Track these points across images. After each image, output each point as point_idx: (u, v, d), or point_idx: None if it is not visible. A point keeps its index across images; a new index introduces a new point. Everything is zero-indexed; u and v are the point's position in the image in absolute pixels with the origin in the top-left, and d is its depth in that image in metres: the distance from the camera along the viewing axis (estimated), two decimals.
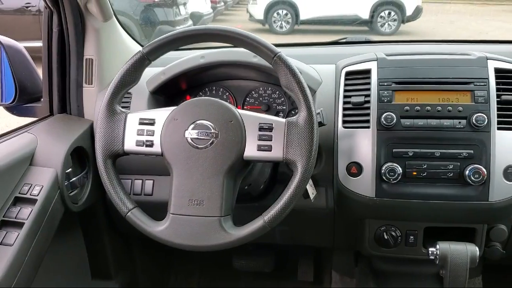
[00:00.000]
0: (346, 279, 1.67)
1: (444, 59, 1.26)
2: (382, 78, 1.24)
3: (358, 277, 1.63)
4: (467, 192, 1.19)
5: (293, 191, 1.00)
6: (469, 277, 1.22)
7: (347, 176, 1.24)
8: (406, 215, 1.28)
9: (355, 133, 1.23)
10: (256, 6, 8.92)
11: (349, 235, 1.45)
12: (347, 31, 8.56)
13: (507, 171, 1.17)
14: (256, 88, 1.44)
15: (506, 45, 1.66)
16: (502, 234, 1.32)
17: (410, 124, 1.20)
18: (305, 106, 1.02)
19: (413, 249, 1.33)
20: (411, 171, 1.20)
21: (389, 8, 8.31)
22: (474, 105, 1.18)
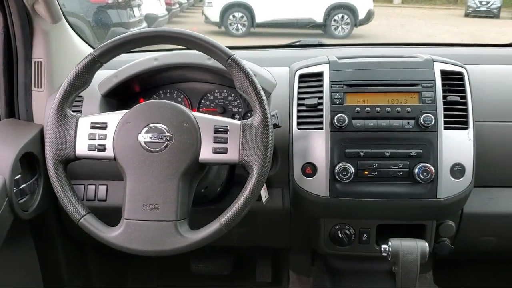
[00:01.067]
0: (303, 279, 1.70)
1: (393, 62, 1.30)
2: (334, 81, 1.26)
3: (315, 276, 1.65)
4: (416, 190, 1.23)
5: (250, 193, 1.01)
6: (420, 272, 1.26)
7: (302, 176, 1.26)
8: (359, 213, 1.31)
9: (309, 134, 1.25)
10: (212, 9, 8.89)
11: (305, 234, 1.47)
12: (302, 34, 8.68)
13: (454, 169, 1.22)
14: (211, 91, 1.44)
15: (452, 48, 1.73)
16: (450, 230, 1.38)
17: (361, 125, 1.23)
18: (260, 108, 1.03)
19: (366, 247, 1.36)
20: (363, 171, 1.23)
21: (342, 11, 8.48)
22: (422, 106, 1.23)
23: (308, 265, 1.68)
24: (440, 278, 1.69)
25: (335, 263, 1.56)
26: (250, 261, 1.97)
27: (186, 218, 1.04)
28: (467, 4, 13.74)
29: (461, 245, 1.43)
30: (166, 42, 1.10)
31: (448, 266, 1.78)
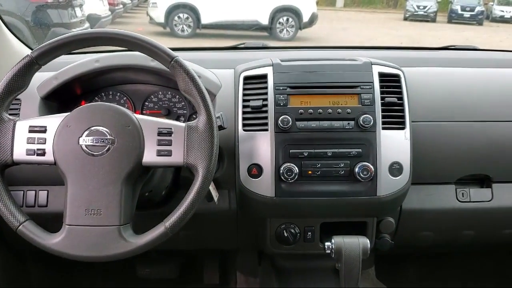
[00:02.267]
0: (251, 279, 1.71)
1: (334, 65, 1.34)
2: (277, 83, 1.28)
3: (262, 276, 1.67)
4: (357, 188, 1.27)
5: (195, 196, 1.01)
6: (363, 268, 1.30)
7: (248, 177, 1.27)
8: (303, 212, 1.34)
9: (255, 135, 1.27)
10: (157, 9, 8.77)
11: (251, 235, 1.48)
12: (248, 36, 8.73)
13: (392, 168, 1.27)
14: (155, 92, 1.42)
15: (390, 51, 1.80)
16: (390, 226, 1.43)
17: (304, 126, 1.26)
18: (204, 110, 1.03)
19: (311, 245, 1.39)
20: (306, 170, 1.26)
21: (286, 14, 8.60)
22: (361, 107, 1.27)
23: (255, 266, 1.70)
24: (382, 273, 1.75)
25: (282, 262, 1.59)
26: (197, 263, 1.96)
27: (130, 222, 1.02)
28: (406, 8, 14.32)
29: (401, 240, 1.49)
30: (108, 43, 1.08)
31: (389, 261, 1.85)
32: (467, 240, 1.54)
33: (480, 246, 1.69)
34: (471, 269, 2.02)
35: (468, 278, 2.03)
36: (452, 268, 2.02)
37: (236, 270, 1.74)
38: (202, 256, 1.95)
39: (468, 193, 1.44)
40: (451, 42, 1.87)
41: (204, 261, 1.94)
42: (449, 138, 1.37)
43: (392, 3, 17.30)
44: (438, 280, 2.03)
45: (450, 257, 1.99)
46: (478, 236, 1.52)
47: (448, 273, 2.03)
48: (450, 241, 1.57)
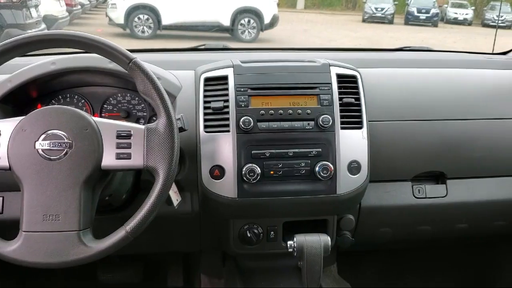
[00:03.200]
0: (215, 280, 1.71)
1: (293, 66, 1.36)
2: (238, 84, 1.29)
3: (226, 277, 1.67)
4: (318, 187, 1.29)
5: (156, 198, 1.00)
6: (325, 266, 1.33)
7: (210, 179, 1.27)
8: (266, 212, 1.35)
9: (217, 137, 1.27)
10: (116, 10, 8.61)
11: (215, 236, 1.49)
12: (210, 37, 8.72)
13: (351, 166, 1.30)
14: (114, 95, 1.40)
15: (349, 52, 1.84)
16: (350, 223, 1.46)
17: (266, 127, 1.27)
18: (164, 112, 1.02)
19: (274, 244, 1.41)
20: (268, 171, 1.27)
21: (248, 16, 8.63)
22: (320, 107, 1.29)
23: (219, 267, 1.70)
24: (343, 269, 1.78)
25: (245, 263, 1.59)
26: (160, 267, 1.95)
27: (90, 227, 1.01)
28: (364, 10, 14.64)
29: (361, 237, 1.53)
30: (64, 45, 1.06)
31: (350, 258, 1.88)
32: (424, 235, 1.59)
33: (436, 240, 1.75)
34: (430, 263, 2.09)
35: (427, 272, 2.09)
36: (412, 263, 2.08)
37: (200, 272, 1.73)
38: (165, 259, 1.94)
39: (424, 189, 1.49)
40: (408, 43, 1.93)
41: (167, 264, 1.92)
42: (404, 136, 1.41)
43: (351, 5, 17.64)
44: (398, 275, 2.09)
45: (409, 252, 2.05)
46: (434, 231, 1.58)
47: (408, 268, 2.09)
48: (408, 236, 1.61)
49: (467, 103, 1.46)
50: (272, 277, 1.56)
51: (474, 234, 1.65)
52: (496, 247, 1.95)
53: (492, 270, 1.99)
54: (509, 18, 14.30)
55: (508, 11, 14.47)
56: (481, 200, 1.52)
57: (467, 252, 2.06)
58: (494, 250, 1.96)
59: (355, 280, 1.82)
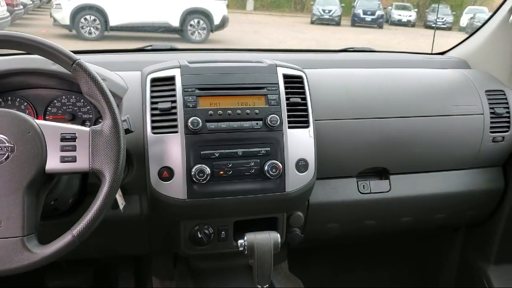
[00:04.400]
0: (166, 283, 1.69)
1: (241, 67, 1.37)
2: (186, 85, 1.29)
3: (178, 278, 1.66)
4: (267, 185, 1.31)
5: (102, 201, 0.99)
6: (276, 263, 1.35)
7: (159, 181, 1.26)
8: (217, 212, 1.36)
9: (165, 138, 1.26)
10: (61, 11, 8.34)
11: (165, 238, 1.48)
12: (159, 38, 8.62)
13: (299, 164, 1.32)
14: (58, 97, 1.37)
15: (296, 54, 1.87)
16: (299, 220, 1.49)
17: (215, 127, 1.27)
18: (109, 113, 1.01)
19: (225, 244, 1.41)
20: (218, 171, 1.27)
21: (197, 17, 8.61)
22: (268, 107, 1.31)
23: (170, 269, 1.69)
24: (294, 266, 1.82)
25: (197, 264, 1.59)
26: (111, 271, 1.91)
27: (35, 232, 0.98)
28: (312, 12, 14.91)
29: (310, 233, 1.56)
30: (4, 46, 1.02)
31: (301, 254, 1.92)
32: (370, 229, 1.65)
33: (382, 234, 1.82)
34: (377, 256, 2.16)
35: (375, 265, 2.17)
36: (360, 257, 2.15)
37: (151, 274, 1.72)
38: (116, 263, 1.90)
39: (368, 185, 1.55)
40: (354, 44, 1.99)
41: (118, 268, 1.89)
42: (349, 134, 1.46)
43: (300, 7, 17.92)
44: (347, 269, 2.15)
45: (357, 246, 2.12)
46: (379, 225, 1.64)
47: (356, 261, 2.15)
48: (355, 231, 1.67)
49: (407, 101, 1.52)
50: (223, 277, 1.57)
51: (418, 226, 1.73)
52: (438, 238, 2.04)
53: (435, 259, 2.09)
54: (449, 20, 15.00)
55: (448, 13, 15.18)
56: (422, 194, 1.59)
57: (412, 244, 2.15)
58: (436, 241, 2.06)
59: (306, 276, 1.86)
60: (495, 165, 1.66)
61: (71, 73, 1.02)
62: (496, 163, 1.65)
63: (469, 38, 1.85)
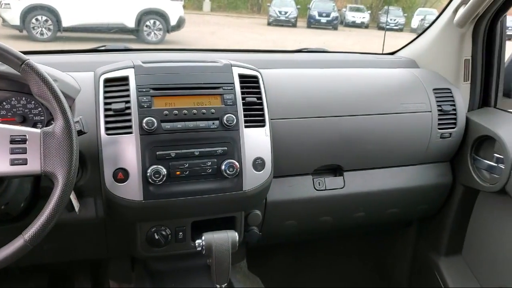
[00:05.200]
0: (124, 286, 1.67)
1: (196, 66, 1.37)
2: (140, 85, 1.28)
3: (136, 281, 1.65)
4: (224, 185, 1.32)
5: (55, 204, 0.97)
6: (235, 262, 1.36)
7: (114, 183, 1.24)
8: (174, 213, 1.35)
9: (119, 139, 1.25)
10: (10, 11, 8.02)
11: (122, 241, 1.46)
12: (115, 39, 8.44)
13: (255, 163, 1.34)
14: (7, 99, 1.33)
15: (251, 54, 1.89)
16: (257, 219, 1.51)
17: (170, 127, 1.27)
18: (61, 114, 0.99)
19: (182, 245, 1.41)
20: (174, 171, 1.27)
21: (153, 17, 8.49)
22: (224, 107, 1.32)
23: (128, 272, 1.67)
24: (253, 264, 1.83)
25: (155, 266, 1.58)
26: (67, 276, 1.87)
27: None
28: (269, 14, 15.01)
29: (268, 231, 1.58)
30: None
31: (260, 252, 1.94)
32: (326, 225, 1.68)
33: (338, 229, 1.86)
34: (334, 251, 2.21)
35: (333, 261, 2.21)
36: (317, 253, 2.19)
37: (109, 278, 1.69)
38: (72, 268, 1.86)
39: (323, 182, 1.58)
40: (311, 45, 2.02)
41: (74, 273, 1.85)
42: (304, 133, 1.49)
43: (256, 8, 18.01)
44: (306, 266, 2.19)
45: (315, 243, 2.16)
46: (334, 221, 1.68)
47: (314, 258, 2.19)
48: (311, 227, 1.70)
49: (359, 100, 1.57)
50: (182, 278, 1.57)
51: (371, 221, 1.78)
52: (392, 232, 2.11)
53: (390, 253, 2.15)
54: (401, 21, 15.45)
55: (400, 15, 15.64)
56: (374, 189, 1.64)
57: (367, 239, 2.21)
58: (390, 235, 2.12)
59: (265, 274, 1.88)
60: (444, 161, 1.73)
61: (20, 74, 0.99)
62: (444, 159, 1.72)
63: (417, 38, 1.92)
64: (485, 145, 1.63)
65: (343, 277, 2.20)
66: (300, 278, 2.16)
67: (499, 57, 1.71)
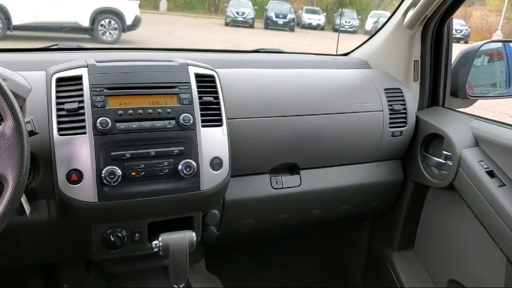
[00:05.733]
0: None
1: (152, 66, 1.36)
2: (94, 84, 1.26)
3: (91, 284, 1.62)
4: (182, 185, 1.31)
5: (5, 207, 0.94)
6: (193, 262, 1.35)
7: (67, 184, 1.21)
8: (130, 214, 1.33)
9: (72, 140, 1.22)
10: None
11: (76, 244, 1.43)
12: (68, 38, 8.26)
13: (213, 162, 1.34)
14: None
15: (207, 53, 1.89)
16: (215, 218, 1.51)
17: (125, 127, 1.25)
18: (10, 114, 0.97)
19: (139, 246, 1.39)
20: (130, 172, 1.25)
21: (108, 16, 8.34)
22: (180, 106, 1.31)
23: (83, 275, 1.63)
24: (212, 264, 1.83)
25: (112, 268, 1.56)
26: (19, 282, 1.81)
27: None
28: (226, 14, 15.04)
29: (227, 230, 1.59)
30: None
31: (218, 252, 1.94)
32: (283, 223, 1.71)
33: (295, 227, 1.89)
34: (292, 249, 2.24)
35: (291, 258, 2.24)
36: (275, 250, 2.22)
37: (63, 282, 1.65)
38: (24, 273, 1.80)
39: (281, 180, 1.61)
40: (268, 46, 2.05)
41: (26, 278, 1.79)
42: (261, 132, 1.50)
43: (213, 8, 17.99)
44: (264, 263, 2.21)
45: (273, 242, 2.18)
46: (292, 218, 1.70)
47: (273, 256, 2.22)
48: (269, 225, 1.72)
49: (314, 100, 1.59)
50: (140, 279, 1.55)
51: (326, 218, 1.82)
52: (347, 229, 2.16)
53: (345, 249, 2.21)
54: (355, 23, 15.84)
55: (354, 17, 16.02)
56: (329, 187, 1.67)
57: (323, 236, 2.26)
58: (346, 232, 2.18)
59: (224, 273, 1.89)
60: (395, 158, 1.79)
61: None
62: (395, 156, 1.78)
63: (369, 40, 1.98)
64: (434, 143, 1.70)
65: (300, 274, 2.23)
66: (258, 277, 2.18)
67: (447, 58, 1.78)
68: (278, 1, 16.30)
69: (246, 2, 15.13)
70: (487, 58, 1.88)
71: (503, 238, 1.39)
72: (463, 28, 17.95)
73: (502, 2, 22.93)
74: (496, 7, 24.78)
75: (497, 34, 18.05)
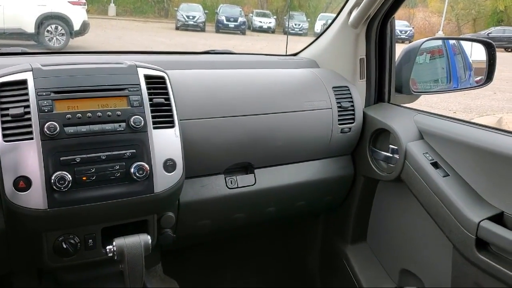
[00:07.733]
0: None
1: (100, 68, 1.34)
2: (40, 88, 1.23)
3: None
4: (135, 188, 1.30)
5: None
6: (149, 266, 1.34)
7: (15, 192, 1.18)
8: (82, 220, 1.31)
9: (19, 146, 1.19)
10: None
11: (27, 253, 1.38)
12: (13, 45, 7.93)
13: (166, 164, 1.33)
14: None
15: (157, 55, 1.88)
16: (170, 220, 1.50)
17: (74, 131, 1.23)
18: None
19: (93, 252, 1.36)
20: (80, 177, 1.23)
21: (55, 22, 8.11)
22: (131, 109, 1.30)
23: (34, 286, 1.58)
24: (170, 267, 1.82)
25: (65, 276, 1.52)
26: None
27: None
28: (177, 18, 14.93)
29: (183, 232, 1.58)
30: None
31: (175, 255, 1.93)
32: (240, 222, 1.72)
33: (252, 225, 1.91)
34: (249, 250, 2.26)
35: (248, 257, 2.26)
36: (233, 250, 2.22)
37: None
38: None
39: (235, 180, 1.62)
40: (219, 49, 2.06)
41: None
42: (214, 132, 1.51)
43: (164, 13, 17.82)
44: (222, 263, 2.21)
45: (230, 242, 2.19)
46: (247, 217, 1.72)
47: (231, 256, 2.22)
48: (225, 225, 1.73)
49: (264, 99, 1.62)
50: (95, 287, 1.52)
51: (282, 215, 1.85)
52: (302, 225, 2.20)
53: (300, 246, 2.24)
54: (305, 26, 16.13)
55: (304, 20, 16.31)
56: (283, 184, 1.70)
57: (279, 234, 2.29)
58: (300, 228, 2.22)
59: (182, 276, 1.87)
60: (345, 154, 1.84)
61: None
62: (345, 152, 1.83)
63: (317, 40, 2.02)
64: (381, 138, 1.76)
65: (259, 272, 2.25)
66: (217, 278, 2.18)
67: (391, 55, 1.85)
68: (228, 4, 16.37)
69: (196, 6, 15.09)
70: (429, 55, 1.97)
71: (448, 226, 1.45)
72: (408, 29, 18.66)
73: (442, 4, 24.01)
74: (437, 8, 25.95)
75: (439, 34, 18.91)
